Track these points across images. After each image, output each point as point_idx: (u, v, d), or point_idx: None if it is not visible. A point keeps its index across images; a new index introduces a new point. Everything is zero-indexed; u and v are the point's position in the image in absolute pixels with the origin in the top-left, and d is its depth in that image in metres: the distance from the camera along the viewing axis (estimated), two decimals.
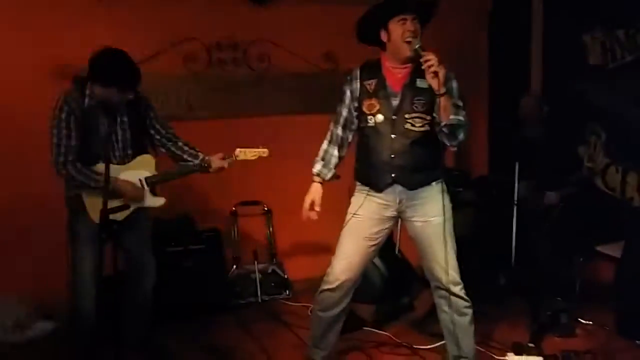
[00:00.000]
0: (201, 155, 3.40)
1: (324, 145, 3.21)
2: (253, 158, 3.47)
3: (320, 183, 3.18)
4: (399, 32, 2.88)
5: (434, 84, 2.73)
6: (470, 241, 4.27)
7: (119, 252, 3.21)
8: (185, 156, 3.41)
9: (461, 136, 2.87)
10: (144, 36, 4.17)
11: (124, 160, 3.22)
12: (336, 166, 3.21)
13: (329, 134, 3.21)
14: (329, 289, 3.09)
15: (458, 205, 3.38)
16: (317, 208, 3.14)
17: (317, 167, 3.18)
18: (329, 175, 3.19)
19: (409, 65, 2.96)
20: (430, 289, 3.15)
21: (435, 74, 2.70)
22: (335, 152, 3.19)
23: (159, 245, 3.78)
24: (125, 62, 3.04)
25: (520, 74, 5.03)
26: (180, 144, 3.43)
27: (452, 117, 2.81)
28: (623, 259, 3.78)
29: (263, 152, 3.50)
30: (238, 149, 3.44)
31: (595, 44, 4.51)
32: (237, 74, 4.55)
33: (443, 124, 2.81)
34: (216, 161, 3.37)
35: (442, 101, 2.76)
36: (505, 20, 5.07)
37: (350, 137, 3.19)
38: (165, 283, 3.77)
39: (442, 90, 2.73)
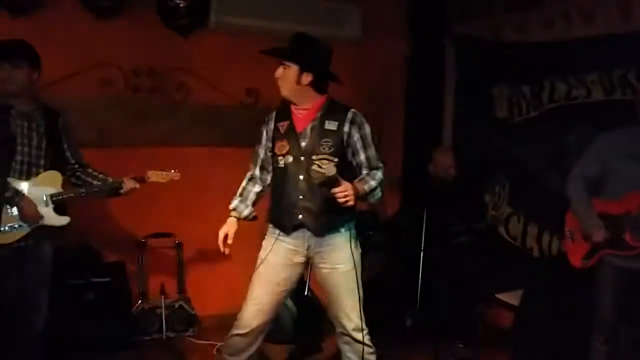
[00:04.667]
0: (111, 179, 3.32)
1: (243, 183, 3.24)
2: (164, 181, 3.42)
3: (237, 218, 3.16)
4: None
5: None
6: (379, 282, 4.38)
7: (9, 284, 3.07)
8: (95, 182, 3.31)
9: (377, 196, 3.01)
10: (59, 56, 4.02)
11: (31, 172, 3.08)
12: (254, 203, 3.21)
13: (248, 173, 3.24)
14: (239, 334, 3.05)
15: (367, 248, 3.44)
16: (230, 241, 3.12)
17: (234, 202, 3.19)
18: (246, 212, 3.18)
19: (307, 107, 3.02)
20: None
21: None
22: (253, 189, 3.20)
23: (58, 276, 3.57)
24: (16, 39, 3.08)
25: (433, 121, 5.22)
26: (90, 170, 3.35)
27: (366, 186, 2.95)
28: (521, 307, 3.95)
29: (175, 175, 3.45)
30: (150, 171, 3.39)
31: (502, 98, 4.75)
32: (153, 102, 4.45)
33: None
34: (128, 181, 3.29)
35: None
36: (421, 68, 5.24)
37: (269, 178, 3.19)
38: (65, 317, 3.61)
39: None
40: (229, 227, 3.14)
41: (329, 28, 4.61)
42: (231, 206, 3.19)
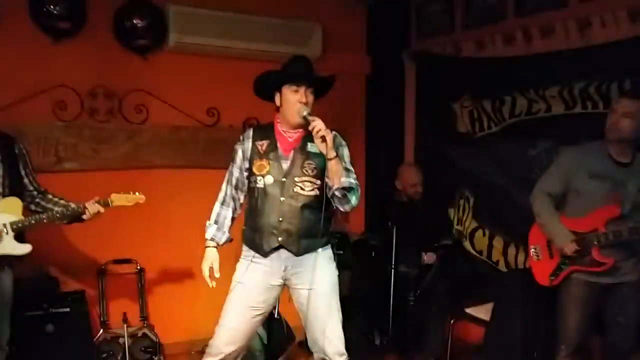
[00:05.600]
0: (73, 205, 3.21)
1: (216, 207, 3.12)
2: (129, 204, 3.33)
3: (215, 247, 3.07)
4: (291, 100, 2.91)
5: (323, 148, 2.78)
6: (348, 301, 4.32)
7: None
8: (56, 208, 3.21)
9: (354, 200, 2.92)
10: (13, 79, 3.91)
11: None
12: (230, 228, 3.12)
13: (220, 194, 3.14)
14: None
15: (338, 267, 3.40)
16: (217, 275, 3.02)
17: (211, 231, 3.07)
18: (224, 239, 3.09)
19: (300, 130, 2.98)
20: (306, 350, 3.13)
21: (323, 138, 2.75)
22: (228, 214, 3.11)
23: (17, 308, 3.43)
24: None
25: (395, 137, 5.22)
26: (49, 196, 3.26)
27: (343, 179, 2.86)
28: (491, 321, 3.94)
29: (140, 198, 3.36)
30: (113, 194, 3.29)
31: (463, 113, 4.78)
32: (112, 125, 4.32)
33: (335, 187, 2.85)
34: (91, 205, 3.19)
35: (333, 165, 2.81)
36: (381, 85, 5.26)
37: (242, 198, 3.13)
38: (24, 351, 3.51)
39: (332, 154, 2.79)
40: (212, 260, 3.03)
41: (290, 47, 4.56)
42: (208, 235, 3.07)
